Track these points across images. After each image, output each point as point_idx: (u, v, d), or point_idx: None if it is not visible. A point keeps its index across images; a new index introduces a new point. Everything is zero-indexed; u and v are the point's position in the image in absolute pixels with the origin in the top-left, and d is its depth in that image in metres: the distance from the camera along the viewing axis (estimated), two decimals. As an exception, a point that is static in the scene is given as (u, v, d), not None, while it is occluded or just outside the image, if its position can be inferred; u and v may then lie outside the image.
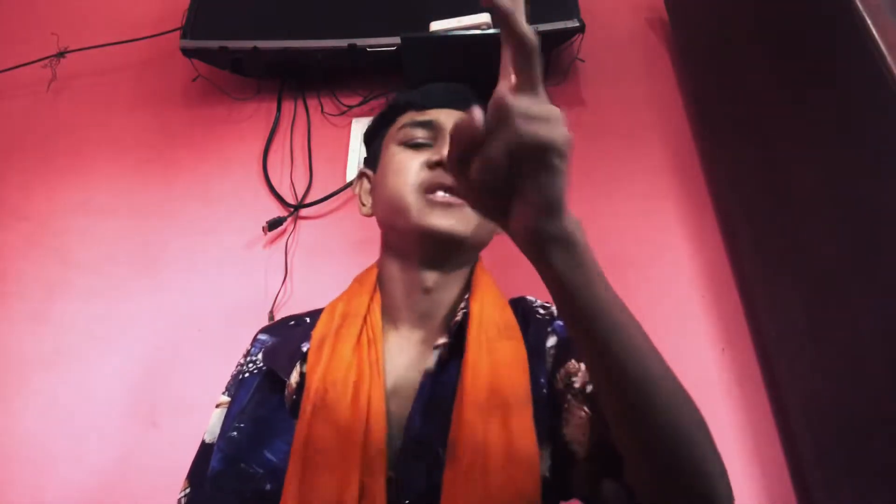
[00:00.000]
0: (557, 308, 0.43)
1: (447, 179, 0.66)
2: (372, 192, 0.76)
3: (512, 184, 0.38)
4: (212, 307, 1.25)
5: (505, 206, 0.40)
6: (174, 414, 1.14)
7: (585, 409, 0.58)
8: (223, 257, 1.31)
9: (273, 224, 1.31)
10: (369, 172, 0.78)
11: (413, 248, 0.68)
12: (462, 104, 0.72)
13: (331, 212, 1.35)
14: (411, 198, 0.67)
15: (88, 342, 1.25)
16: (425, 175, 0.67)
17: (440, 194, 0.66)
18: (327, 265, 1.27)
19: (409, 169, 0.68)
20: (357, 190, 0.79)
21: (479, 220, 0.67)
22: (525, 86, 0.38)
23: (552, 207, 0.38)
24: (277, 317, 1.16)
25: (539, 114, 0.37)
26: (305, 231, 1.34)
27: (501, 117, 0.36)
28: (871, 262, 0.82)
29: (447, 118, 0.71)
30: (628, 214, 1.28)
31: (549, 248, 0.40)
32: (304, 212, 1.35)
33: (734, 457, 1.05)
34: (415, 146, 0.71)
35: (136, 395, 1.18)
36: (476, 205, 0.40)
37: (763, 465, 1.04)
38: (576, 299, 0.41)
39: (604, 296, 0.42)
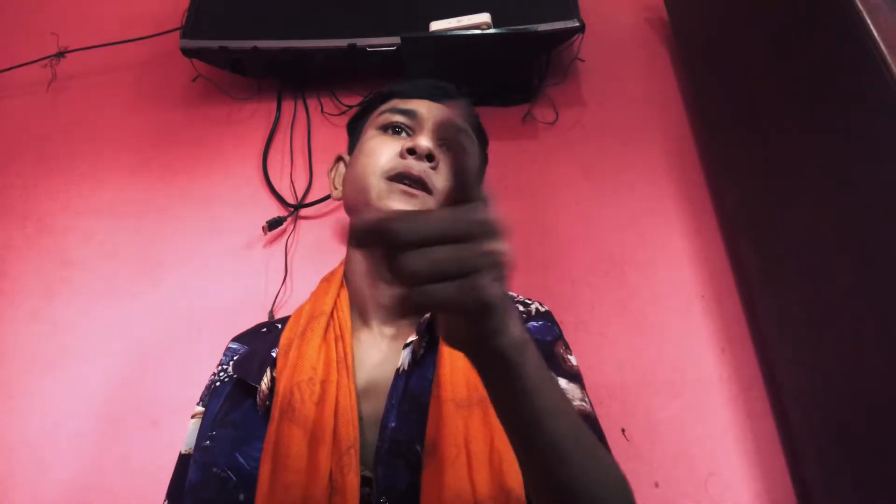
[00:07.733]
0: (492, 401, 0.42)
1: (414, 170, 0.67)
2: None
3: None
4: (212, 307, 1.25)
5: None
6: (174, 414, 1.14)
7: None
8: (223, 257, 1.31)
9: (273, 224, 1.31)
10: (346, 157, 0.80)
11: None
12: (446, 101, 0.75)
13: (331, 212, 1.35)
14: (374, 180, 0.68)
15: (88, 342, 1.24)
16: (395, 162, 0.68)
17: (403, 184, 0.67)
18: (327, 265, 1.26)
19: (380, 153, 0.69)
20: (332, 174, 0.80)
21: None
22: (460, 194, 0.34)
23: (488, 338, 0.36)
24: (278, 317, 1.16)
25: (455, 270, 0.32)
26: (305, 231, 1.34)
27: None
28: (872, 262, 0.82)
29: (428, 110, 0.73)
30: (628, 214, 1.28)
31: (484, 363, 0.38)
32: (304, 212, 1.35)
33: (734, 457, 1.04)
34: (393, 131, 0.72)
35: (136, 395, 1.18)
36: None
37: (763, 465, 1.04)
38: (509, 408, 0.40)
39: (540, 406, 0.40)
